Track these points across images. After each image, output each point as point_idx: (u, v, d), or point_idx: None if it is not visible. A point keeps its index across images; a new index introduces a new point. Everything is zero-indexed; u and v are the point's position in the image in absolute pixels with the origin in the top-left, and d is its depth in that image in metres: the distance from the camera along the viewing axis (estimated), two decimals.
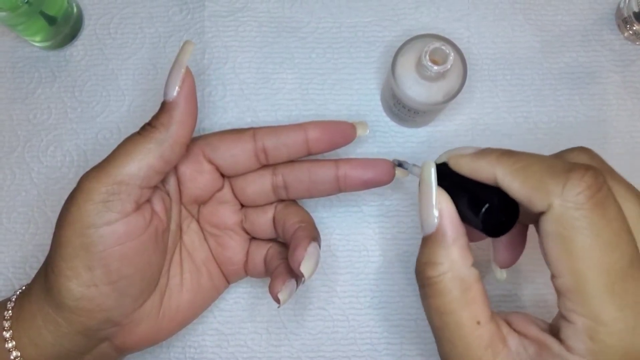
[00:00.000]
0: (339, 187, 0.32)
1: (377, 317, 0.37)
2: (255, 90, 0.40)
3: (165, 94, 0.28)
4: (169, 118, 0.28)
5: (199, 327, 0.37)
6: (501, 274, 0.31)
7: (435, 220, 0.25)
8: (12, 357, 0.28)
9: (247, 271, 0.34)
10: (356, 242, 0.38)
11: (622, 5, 0.40)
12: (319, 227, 0.36)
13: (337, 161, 0.32)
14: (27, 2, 0.34)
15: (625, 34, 0.40)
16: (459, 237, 0.25)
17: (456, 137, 0.39)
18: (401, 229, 0.38)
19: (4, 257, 0.38)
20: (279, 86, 0.40)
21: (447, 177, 0.26)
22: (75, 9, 0.40)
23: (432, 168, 0.26)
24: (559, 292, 0.23)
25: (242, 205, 0.34)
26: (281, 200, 0.34)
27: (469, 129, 0.39)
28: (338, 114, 0.39)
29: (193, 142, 0.32)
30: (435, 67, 0.31)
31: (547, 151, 0.39)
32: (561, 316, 0.23)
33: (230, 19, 0.41)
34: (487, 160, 0.25)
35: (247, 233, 0.34)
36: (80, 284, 0.27)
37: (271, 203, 0.34)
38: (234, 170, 0.32)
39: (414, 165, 0.31)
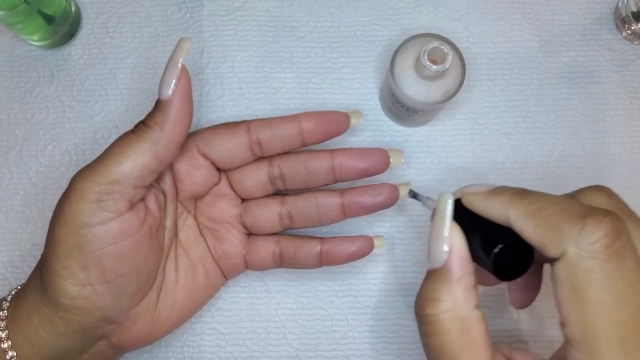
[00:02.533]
0: (335, 177, 0.32)
1: (376, 316, 0.37)
2: (254, 89, 0.40)
3: (160, 92, 0.28)
4: (164, 117, 0.28)
5: (197, 327, 0.37)
6: (518, 315, 0.30)
7: (444, 255, 0.24)
8: (8, 357, 0.28)
9: (248, 265, 0.34)
10: None
11: (620, 4, 0.40)
12: (318, 228, 0.36)
13: (332, 151, 0.32)
14: (25, 1, 0.34)
15: (624, 34, 0.40)
16: (466, 276, 0.24)
17: (455, 136, 0.39)
18: (400, 229, 0.38)
19: (2, 256, 0.38)
20: (278, 85, 0.40)
21: (461, 214, 0.25)
22: (73, 8, 0.40)
23: (449, 200, 0.25)
24: (567, 341, 0.22)
25: (242, 200, 0.34)
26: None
27: (467, 128, 0.39)
28: None
29: (187, 138, 0.31)
30: (434, 67, 0.31)
31: (546, 150, 0.39)
32: None
33: (229, 18, 0.41)
34: (501, 200, 0.24)
35: (246, 228, 0.34)
36: (76, 283, 0.27)
37: (272, 195, 0.34)
38: (229, 164, 0.32)
39: (428, 198, 0.30)
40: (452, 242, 0.24)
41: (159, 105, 0.28)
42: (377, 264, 0.38)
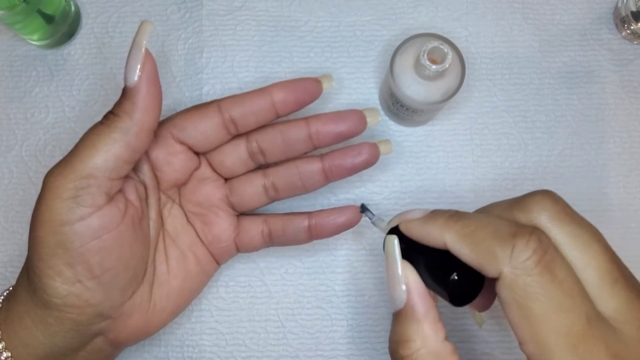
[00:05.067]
0: (313, 144, 0.32)
1: (376, 315, 0.37)
2: (254, 89, 0.40)
3: (125, 79, 0.27)
4: (132, 105, 0.27)
5: (197, 326, 0.37)
6: (480, 318, 0.31)
7: (404, 295, 0.24)
8: (2, 358, 0.28)
9: (239, 247, 0.34)
10: (354, 240, 0.38)
11: (620, 4, 0.40)
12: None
13: (307, 119, 0.32)
14: (24, 1, 0.34)
15: (623, 33, 0.40)
16: (429, 311, 0.24)
17: (454, 136, 0.39)
18: None
19: (2, 256, 0.38)
20: None
21: (402, 242, 0.26)
22: (73, 8, 0.39)
23: (394, 241, 0.25)
24: (528, 358, 0.23)
25: (226, 180, 0.34)
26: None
27: (467, 128, 0.39)
28: None
29: (160, 126, 0.31)
30: (434, 67, 0.31)
31: (546, 150, 0.39)
32: None
33: (229, 18, 0.41)
34: (436, 225, 0.24)
35: (234, 208, 0.34)
36: (64, 282, 0.27)
37: (253, 170, 0.34)
38: (206, 146, 0.32)
39: (379, 218, 0.31)
40: (407, 280, 0.25)
41: (125, 93, 0.27)
42: (376, 264, 0.38)
